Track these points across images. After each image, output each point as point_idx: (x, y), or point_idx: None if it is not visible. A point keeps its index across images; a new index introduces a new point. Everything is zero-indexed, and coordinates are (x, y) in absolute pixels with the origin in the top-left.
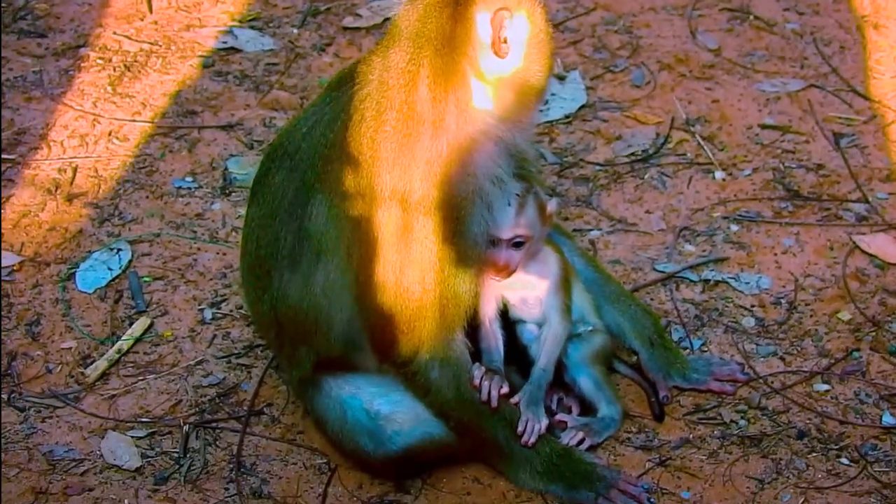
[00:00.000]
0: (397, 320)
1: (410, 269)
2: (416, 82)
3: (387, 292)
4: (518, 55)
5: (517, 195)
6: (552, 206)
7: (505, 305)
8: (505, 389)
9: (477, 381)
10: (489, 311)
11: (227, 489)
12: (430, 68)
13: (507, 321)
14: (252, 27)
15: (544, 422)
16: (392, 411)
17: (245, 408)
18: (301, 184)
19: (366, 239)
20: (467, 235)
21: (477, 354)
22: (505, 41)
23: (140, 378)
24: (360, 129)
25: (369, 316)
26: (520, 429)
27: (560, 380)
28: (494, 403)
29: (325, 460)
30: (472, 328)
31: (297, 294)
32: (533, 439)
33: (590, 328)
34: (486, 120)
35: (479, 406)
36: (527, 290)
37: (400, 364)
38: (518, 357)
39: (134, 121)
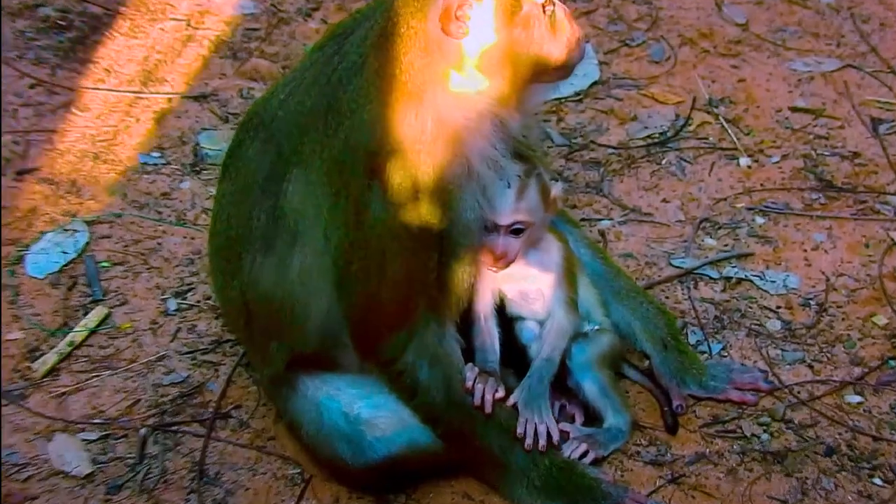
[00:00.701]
0: (381, 313)
1: (396, 257)
2: (400, 52)
3: (370, 281)
4: (486, 31)
5: (518, 177)
6: (557, 189)
7: (502, 300)
8: (500, 393)
9: (470, 384)
10: (484, 306)
11: (187, 500)
12: (413, 38)
13: (505, 318)
14: None
15: (550, 423)
16: (374, 416)
17: (210, 410)
18: (276, 157)
19: (347, 220)
20: (459, 221)
21: (470, 354)
22: (458, 19)
23: (94, 374)
24: (341, 97)
25: (350, 307)
26: (519, 431)
27: (563, 385)
28: (489, 409)
29: (298, 470)
30: (466, 325)
31: (270, 280)
32: (537, 443)
33: (596, 327)
34: (478, 97)
35: (471, 411)
36: (527, 282)
37: (384, 363)
38: (516, 358)
39: (96, 88)
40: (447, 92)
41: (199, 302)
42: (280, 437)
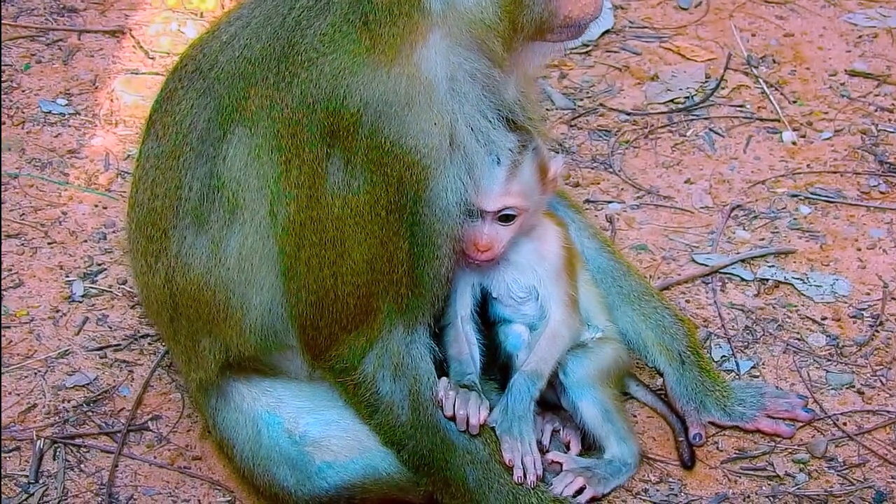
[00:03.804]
0: (336, 311)
1: (357, 243)
2: None
3: (324, 272)
4: None
5: (510, 152)
6: (556, 166)
7: (485, 299)
8: (485, 413)
9: (442, 400)
10: (463, 307)
11: None
12: None
13: (488, 321)
14: None
15: (532, 453)
16: (324, 435)
17: (122, 420)
18: (215, 113)
19: (298, 195)
20: (436, 203)
21: (445, 364)
22: None
23: None
24: (298, 43)
25: (298, 302)
26: (506, 458)
27: (556, 405)
28: (473, 430)
29: (228, 498)
30: (440, 329)
31: (202, 264)
32: (527, 475)
33: (598, 336)
34: (466, 54)
35: (443, 434)
36: (516, 278)
37: (339, 370)
38: (500, 371)
39: None
40: (429, 45)
41: (111, 287)
42: (207, 457)
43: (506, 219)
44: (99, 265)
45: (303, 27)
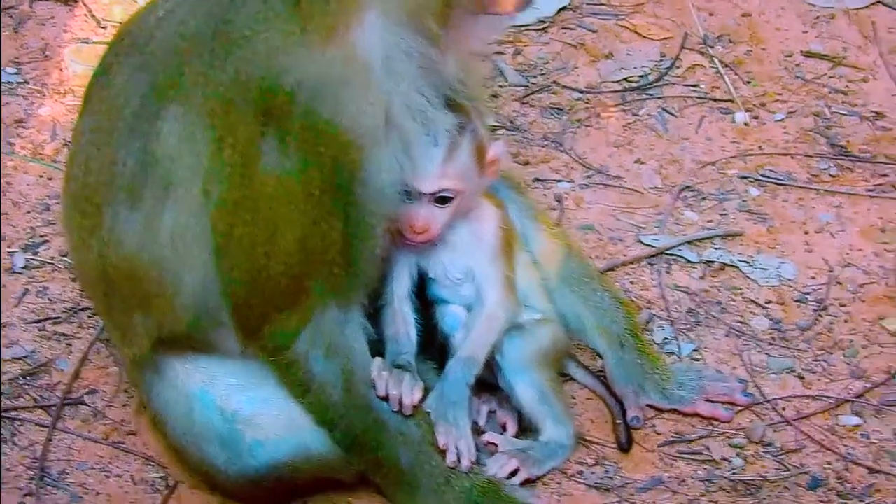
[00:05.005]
0: (269, 290)
1: (290, 223)
2: None
3: (256, 250)
4: None
5: (447, 132)
6: (496, 150)
7: (422, 280)
8: (419, 394)
9: (376, 380)
10: (400, 287)
11: None
12: None
13: (425, 302)
14: None
15: (466, 438)
16: (256, 413)
17: (58, 394)
18: (150, 89)
19: (231, 173)
20: (370, 184)
21: (381, 344)
22: None
23: None
24: (233, 20)
25: (231, 281)
26: (440, 442)
27: (494, 385)
28: (406, 411)
29: (161, 474)
30: (376, 310)
31: (134, 240)
32: (461, 460)
33: (536, 317)
34: (402, 31)
35: (375, 415)
36: (453, 259)
37: (271, 349)
38: (439, 351)
39: None
40: (364, 25)
41: (53, 259)
42: (142, 433)
43: (442, 200)
44: (41, 237)
45: (237, 5)
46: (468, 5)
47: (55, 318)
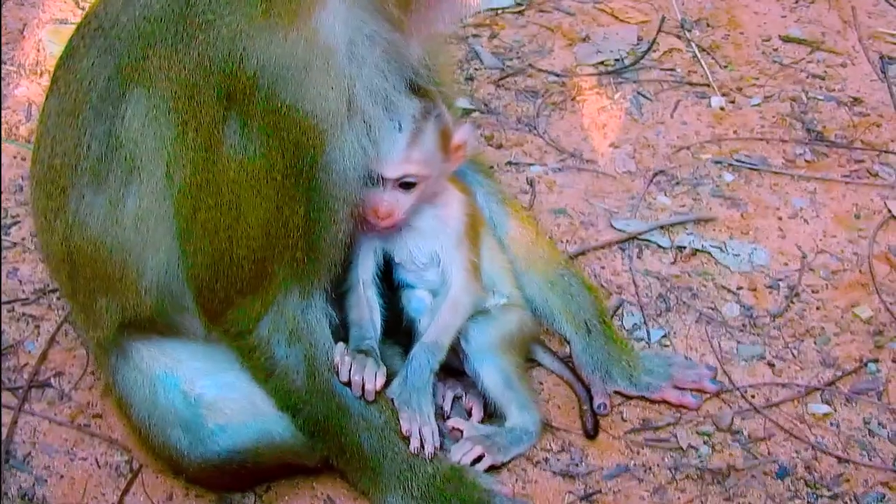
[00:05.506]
0: (231, 274)
1: (253, 207)
2: None
3: (219, 235)
4: None
5: (412, 117)
6: (462, 134)
7: (388, 264)
8: (381, 379)
9: (338, 365)
10: (364, 272)
11: None
12: None
13: (391, 286)
14: None
15: (430, 425)
16: (219, 397)
17: (24, 376)
18: (115, 72)
19: (194, 157)
20: (333, 168)
21: (344, 329)
22: None
23: None
24: (196, 4)
25: (194, 265)
26: (404, 428)
27: (460, 370)
28: (369, 396)
29: (125, 458)
30: (341, 294)
31: (98, 223)
32: (424, 447)
33: (502, 302)
34: (365, 15)
35: (338, 400)
36: (418, 243)
37: (234, 334)
38: (405, 336)
39: None
40: (327, 8)
41: (24, 240)
42: (108, 416)
43: (407, 186)
44: (13, 217)
45: None
46: None
47: (24, 299)
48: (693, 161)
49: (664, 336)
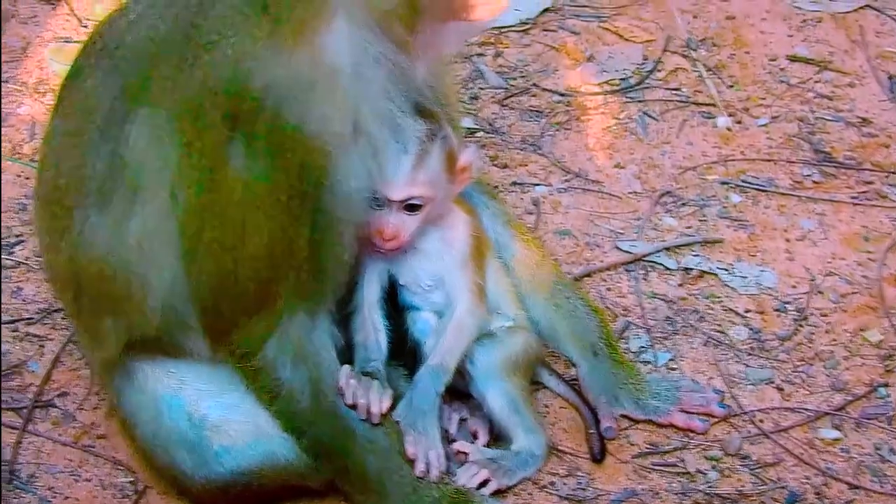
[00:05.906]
0: (236, 295)
1: (257, 228)
2: None
3: (224, 256)
4: None
5: (417, 139)
6: (467, 156)
7: (393, 286)
8: (387, 402)
9: (343, 388)
10: (369, 294)
11: None
12: None
13: (397, 308)
14: None
15: (437, 448)
16: (223, 419)
17: (29, 396)
18: (120, 92)
19: (199, 178)
20: (338, 190)
21: (350, 351)
22: None
23: None
24: (200, 26)
25: (199, 285)
26: (409, 451)
27: (466, 393)
28: (374, 419)
29: (130, 479)
30: (345, 316)
31: (104, 243)
32: (430, 470)
33: (508, 324)
34: (370, 37)
35: (344, 422)
36: (423, 266)
37: (240, 355)
38: (410, 358)
39: None
40: (332, 30)
41: (28, 259)
42: (112, 436)
43: (412, 208)
44: (17, 236)
45: (206, 9)
46: (437, 12)
47: (28, 318)
48: (699, 182)
49: (671, 359)
